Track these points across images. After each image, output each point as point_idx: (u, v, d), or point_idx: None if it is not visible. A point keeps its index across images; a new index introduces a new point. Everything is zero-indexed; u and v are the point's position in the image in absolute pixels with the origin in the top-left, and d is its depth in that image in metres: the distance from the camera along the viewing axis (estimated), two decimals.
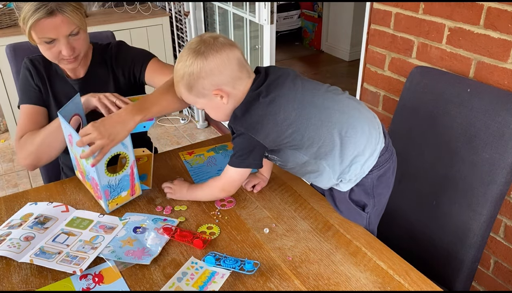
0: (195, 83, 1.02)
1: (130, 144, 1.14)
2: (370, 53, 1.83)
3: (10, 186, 2.74)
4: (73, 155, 1.24)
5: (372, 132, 1.08)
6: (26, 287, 0.95)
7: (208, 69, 1.00)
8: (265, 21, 2.30)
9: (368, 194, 1.13)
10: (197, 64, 1.00)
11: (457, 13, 1.43)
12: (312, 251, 1.03)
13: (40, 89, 1.34)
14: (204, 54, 1.00)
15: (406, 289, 0.93)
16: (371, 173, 1.10)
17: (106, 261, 1.00)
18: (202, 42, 1.02)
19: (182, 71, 1.03)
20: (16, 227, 1.09)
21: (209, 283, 0.94)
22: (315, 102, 1.06)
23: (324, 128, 1.05)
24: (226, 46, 1.02)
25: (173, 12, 3.25)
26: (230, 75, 1.03)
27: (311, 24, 4.79)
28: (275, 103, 1.03)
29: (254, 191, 1.24)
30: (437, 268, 1.31)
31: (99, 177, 1.10)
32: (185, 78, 1.02)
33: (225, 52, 1.01)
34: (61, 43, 1.21)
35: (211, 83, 1.02)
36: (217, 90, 1.03)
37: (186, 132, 3.32)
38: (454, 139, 1.28)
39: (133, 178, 1.18)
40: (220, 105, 1.06)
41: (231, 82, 1.03)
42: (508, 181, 1.17)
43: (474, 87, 1.28)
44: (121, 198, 1.18)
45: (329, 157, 1.07)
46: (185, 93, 1.06)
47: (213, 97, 1.04)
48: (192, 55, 1.01)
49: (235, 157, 1.08)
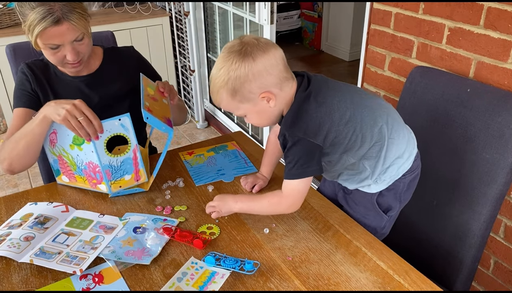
0: (241, 87, 0.96)
1: (131, 128, 1.14)
2: (370, 53, 1.82)
3: (10, 186, 2.74)
4: (55, 157, 1.23)
5: (409, 137, 1.12)
6: (26, 287, 0.95)
7: (257, 71, 0.95)
8: (265, 21, 2.30)
9: (396, 198, 1.15)
10: (244, 67, 0.94)
11: (457, 13, 1.43)
12: (312, 251, 1.03)
13: (38, 94, 1.32)
14: (252, 55, 0.95)
15: (406, 289, 0.93)
16: (404, 178, 1.12)
17: (106, 261, 1.00)
18: (246, 44, 0.96)
19: (225, 76, 0.96)
20: (16, 227, 1.09)
21: (209, 283, 0.94)
22: (364, 103, 1.06)
23: (376, 129, 1.05)
24: (270, 45, 0.98)
25: (173, 12, 3.25)
26: (278, 76, 0.98)
27: (311, 24, 4.79)
28: (327, 104, 1.01)
29: (253, 191, 1.24)
30: (437, 268, 1.31)
31: (99, 156, 1.11)
32: (230, 83, 0.96)
33: (271, 52, 0.96)
34: (66, 49, 1.21)
35: (259, 86, 0.96)
36: (265, 93, 0.97)
37: (186, 132, 3.32)
38: (454, 139, 1.28)
39: (137, 162, 1.18)
40: (265, 109, 1.01)
41: (279, 83, 0.98)
42: (508, 181, 1.17)
43: (474, 87, 1.28)
44: (124, 181, 1.18)
45: (374, 158, 1.07)
46: (226, 99, 0.99)
47: (259, 101, 0.99)
48: (237, 57, 0.95)
49: (295, 168, 1.00)
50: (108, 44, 1.67)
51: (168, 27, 3.29)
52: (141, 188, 1.23)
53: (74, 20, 1.17)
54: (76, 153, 1.17)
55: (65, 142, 1.17)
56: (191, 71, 3.23)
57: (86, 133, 1.11)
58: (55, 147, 1.20)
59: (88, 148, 1.13)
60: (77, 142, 1.14)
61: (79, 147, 1.14)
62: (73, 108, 1.10)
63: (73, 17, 1.17)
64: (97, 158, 1.12)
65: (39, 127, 1.16)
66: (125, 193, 1.22)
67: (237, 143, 1.50)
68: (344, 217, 1.15)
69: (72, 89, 1.34)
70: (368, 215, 1.17)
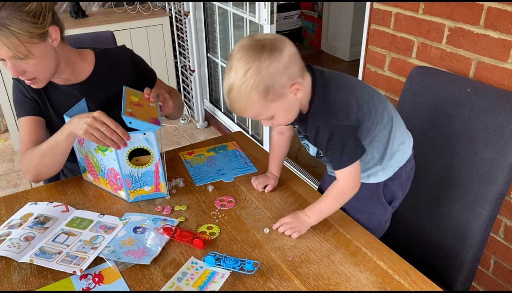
0: (274, 83, 0.91)
1: (155, 143, 1.14)
2: (370, 53, 1.82)
3: (10, 186, 2.74)
4: (82, 155, 1.25)
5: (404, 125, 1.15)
6: (26, 287, 0.95)
7: (286, 62, 0.91)
8: (265, 21, 2.30)
9: (400, 186, 1.18)
10: (275, 61, 0.89)
11: (457, 13, 1.43)
12: (312, 251, 1.03)
13: (37, 100, 1.30)
14: (278, 48, 0.90)
15: (406, 289, 0.93)
16: (405, 166, 1.15)
17: (106, 261, 1.00)
18: (262, 39, 0.92)
19: (256, 76, 0.89)
20: (16, 227, 1.09)
21: (209, 283, 0.94)
22: (369, 89, 1.09)
23: (386, 111, 1.08)
24: (282, 37, 0.94)
25: (173, 12, 3.25)
26: (300, 64, 0.95)
27: (311, 24, 4.79)
28: (348, 87, 1.04)
29: (266, 191, 1.24)
30: (437, 268, 1.31)
31: (121, 165, 1.13)
32: (263, 82, 0.90)
33: (287, 42, 0.93)
34: (8, 64, 1.13)
35: (289, 78, 0.92)
36: (295, 84, 0.94)
37: (186, 132, 3.32)
38: (454, 139, 1.28)
39: (158, 176, 1.18)
40: (293, 103, 0.97)
41: (301, 73, 0.96)
42: (508, 181, 1.17)
43: (474, 87, 1.28)
44: (143, 191, 1.20)
45: (384, 144, 1.10)
46: (258, 102, 0.93)
47: (289, 94, 0.94)
48: (265, 53, 0.89)
49: (345, 155, 1.00)
50: (109, 44, 1.68)
51: (168, 27, 3.29)
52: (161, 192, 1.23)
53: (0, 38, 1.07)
54: (100, 157, 1.18)
55: (91, 145, 1.18)
56: (191, 71, 3.23)
57: (112, 143, 1.10)
58: (82, 146, 1.22)
59: (110, 155, 1.14)
60: (101, 149, 1.15)
61: (103, 152, 1.15)
62: (93, 121, 1.09)
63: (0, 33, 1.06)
64: (118, 167, 1.14)
65: (65, 143, 1.17)
66: (145, 199, 1.21)
67: (237, 143, 1.50)
68: (344, 217, 1.15)
69: (67, 97, 1.32)
70: (372, 209, 1.19)
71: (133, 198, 1.20)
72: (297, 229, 1.07)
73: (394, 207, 1.21)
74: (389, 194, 1.19)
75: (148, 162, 1.17)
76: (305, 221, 1.07)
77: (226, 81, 0.94)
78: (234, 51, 0.93)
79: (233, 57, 0.93)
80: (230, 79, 0.92)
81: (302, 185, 1.28)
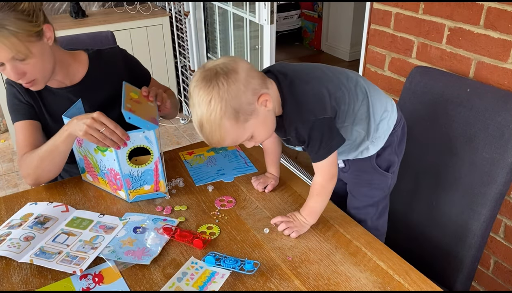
0: (240, 103, 0.91)
1: (155, 141, 1.14)
2: (370, 53, 1.83)
3: (10, 186, 2.74)
4: (81, 156, 1.24)
5: (381, 91, 1.14)
6: (26, 287, 0.95)
7: (244, 79, 0.91)
8: (265, 21, 2.30)
9: (393, 152, 1.18)
10: (232, 82, 0.90)
11: (457, 13, 1.43)
12: (312, 251, 1.03)
13: (32, 104, 1.30)
14: (232, 69, 0.91)
15: (406, 289, 0.93)
16: (395, 131, 1.15)
17: (106, 261, 1.00)
18: (213, 67, 0.92)
19: (220, 103, 0.89)
20: (16, 227, 1.09)
21: (209, 283, 0.94)
22: (335, 69, 1.09)
23: (358, 88, 1.08)
24: (231, 56, 0.96)
25: (173, 12, 3.25)
26: (259, 76, 0.96)
27: (311, 24, 4.79)
28: (314, 78, 1.03)
29: (266, 191, 1.24)
30: (437, 268, 1.31)
31: (121, 165, 1.13)
32: (229, 106, 0.90)
33: (239, 59, 0.94)
34: (7, 68, 1.12)
35: (253, 92, 0.93)
36: (261, 95, 0.94)
37: (186, 132, 3.32)
38: (454, 139, 1.28)
39: (158, 174, 1.18)
40: (266, 115, 0.97)
41: (263, 83, 0.96)
42: (508, 181, 1.17)
43: (474, 87, 1.28)
44: (143, 190, 1.19)
45: (365, 120, 1.09)
46: (231, 127, 0.92)
47: (259, 108, 0.94)
48: (221, 79, 0.90)
49: (322, 148, 1.00)
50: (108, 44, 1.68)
51: (168, 27, 3.29)
52: (161, 192, 1.22)
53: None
54: (99, 157, 1.18)
55: (90, 146, 1.18)
56: (191, 71, 3.23)
57: (112, 143, 1.10)
58: (81, 147, 1.22)
59: (110, 155, 1.14)
60: (101, 149, 1.15)
61: (103, 153, 1.15)
62: (92, 122, 1.08)
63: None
64: (118, 167, 1.14)
65: (64, 145, 1.17)
66: (145, 199, 1.21)
67: None
68: (344, 217, 1.15)
69: (61, 100, 1.31)
70: (373, 179, 1.20)
71: (133, 198, 1.20)
72: (296, 228, 1.07)
73: (393, 172, 1.20)
74: (384, 162, 1.18)
75: (147, 161, 1.17)
76: (304, 222, 1.08)
77: (193, 119, 0.94)
78: (191, 88, 0.93)
79: (192, 94, 0.93)
80: (197, 115, 0.92)
81: (302, 185, 1.28)
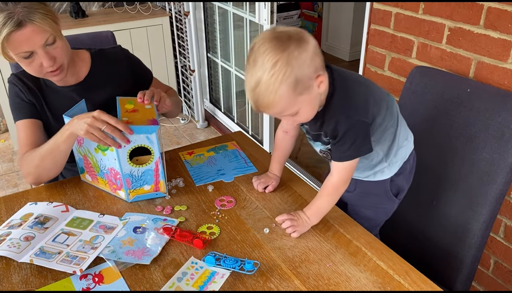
0: (302, 75, 0.87)
1: (156, 141, 1.14)
2: (370, 53, 1.83)
3: (10, 186, 2.74)
4: (81, 156, 1.24)
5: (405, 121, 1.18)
6: (26, 287, 0.95)
7: (312, 53, 0.88)
8: (265, 21, 2.30)
9: (405, 179, 1.21)
10: (304, 51, 0.86)
11: (457, 13, 1.43)
12: (312, 251, 1.03)
13: (34, 103, 1.30)
14: (305, 39, 0.87)
15: (406, 289, 0.93)
16: (409, 160, 1.18)
17: (106, 261, 1.00)
18: (286, 31, 0.88)
19: (286, 67, 0.85)
20: (16, 227, 1.09)
21: (209, 283, 0.94)
22: (378, 86, 1.10)
23: (394, 109, 1.10)
24: (302, 29, 0.92)
25: (173, 12, 3.25)
26: (321, 57, 0.92)
27: (311, 24, 4.79)
28: (366, 83, 1.05)
29: (267, 191, 1.24)
30: (437, 268, 1.31)
31: (121, 165, 1.13)
32: (293, 73, 0.85)
33: (309, 34, 0.90)
34: (40, 55, 1.15)
35: (315, 69, 0.89)
36: (320, 76, 0.91)
37: (186, 132, 3.32)
38: (454, 139, 1.28)
39: (158, 174, 1.18)
40: (316, 96, 0.93)
41: (323, 65, 0.93)
42: (508, 181, 1.17)
43: (474, 87, 1.28)
44: (143, 190, 1.19)
45: (389, 141, 1.11)
46: (287, 96, 0.88)
47: (314, 87, 0.91)
48: (294, 43, 0.85)
49: (351, 150, 0.99)
50: (108, 44, 1.68)
51: (168, 27, 3.29)
52: (161, 192, 1.22)
53: (37, 20, 1.11)
54: (100, 156, 1.18)
55: (90, 145, 1.18)
56: (191, 71, 3.23)
57: (113, 142, 1.09)
58: (81, 147, 1.22)
59: (111, 155, 1.14)
60: (101, 148, 1.15)
61: (103, 152, 1.15)
62: (93, 121, 1.08)
63: (35, 18, 1.11)
64: (118, 166, 1.14)
65: (65, 144, 1.17)
66: (144, 198, 1.21)
67: (237, 143, 1.50)
68: (344, 217, 1.15)
69: (64, 98, 1.32)
70: (381, 203, 1.23)
71: (132, 197, 1.20)
72: (298, 227, 1.07)
73: (400, 199, 1.24)
74: (395, 187, 1.22)
75: (148, 161, 1.17)
76: (306, 222, 1.08)
77: (250, 76, 0.88)
78: (257, 45, 0.88)
79: (256, 51, 0.88)
80: (257, 74, 0.87)
81: (302, 185, 1.28)
